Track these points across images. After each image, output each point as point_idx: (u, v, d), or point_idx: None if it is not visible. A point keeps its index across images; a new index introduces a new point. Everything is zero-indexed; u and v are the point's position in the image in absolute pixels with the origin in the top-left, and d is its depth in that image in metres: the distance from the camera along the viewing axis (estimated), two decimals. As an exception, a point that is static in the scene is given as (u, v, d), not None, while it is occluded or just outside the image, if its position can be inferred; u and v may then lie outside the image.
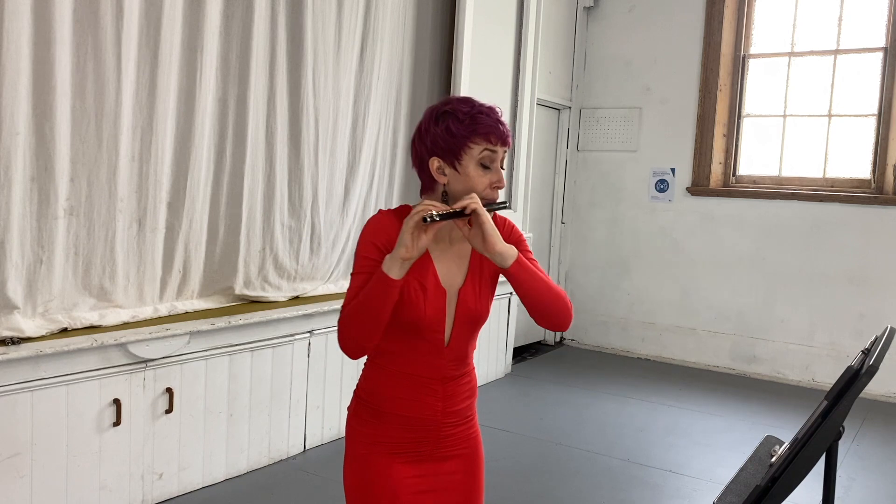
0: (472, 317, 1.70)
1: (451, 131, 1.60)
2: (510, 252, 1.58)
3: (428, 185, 1.67)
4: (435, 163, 1.62)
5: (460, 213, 1.54)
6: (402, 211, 1.69)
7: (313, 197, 4.10)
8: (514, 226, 1.80)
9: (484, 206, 1.58)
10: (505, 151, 1.65)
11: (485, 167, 1.62)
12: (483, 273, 1.72)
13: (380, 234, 1.64)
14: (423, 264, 1.65)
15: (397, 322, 1.64)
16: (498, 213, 1.72)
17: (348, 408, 1.79)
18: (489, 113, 1.62)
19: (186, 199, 3.48)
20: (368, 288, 1.57)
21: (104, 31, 3.05)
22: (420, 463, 1.72)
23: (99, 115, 3.08)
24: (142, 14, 3.19)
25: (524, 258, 1.61)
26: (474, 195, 1.56)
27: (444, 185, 1.63)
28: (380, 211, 1.70)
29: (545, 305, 1.62)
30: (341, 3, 4.14)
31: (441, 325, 1.67)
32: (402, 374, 1.69)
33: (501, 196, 1.71)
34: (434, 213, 1.50)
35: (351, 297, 1.62)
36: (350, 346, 1.64)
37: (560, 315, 1.65)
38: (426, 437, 1.71)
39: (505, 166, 1.69)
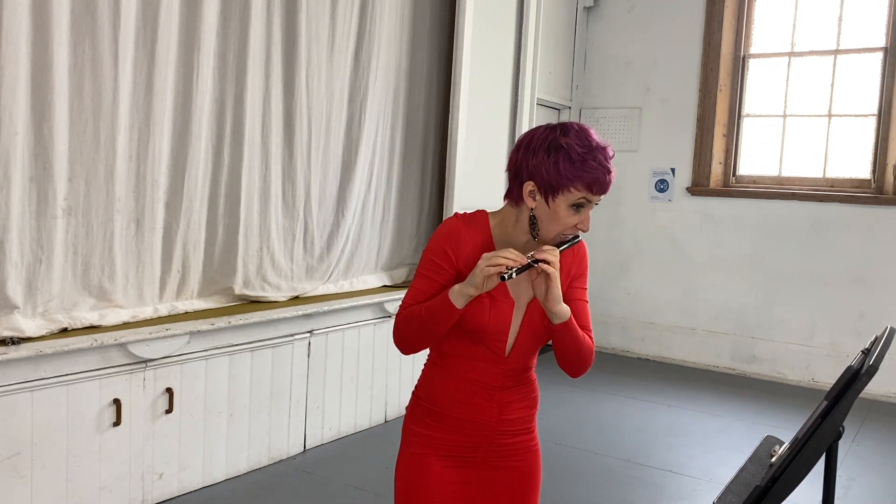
0: (537, 331, 1.71)
1: (558, 169, 1.58)
2: (564, 313, 1.61)
3: (516, 197, 1.67)
4: (529, 186, 1.62)
5: (534, 265, 1.57)
6: (477, 218, 1.71)
7: (306, 196, 4.09)
8: (586, 255, 1.79)
9: (560, 242, 1.64)
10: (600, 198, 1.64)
11: (577, 208, 1.61)
12: None
13: (452, 241, 1.67)
14: None
15: (460, 327, 1.66)
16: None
17: (406, 407, 1.82)
18: (602, 160, 1.58)
19: (184, 198, 3.48)
20: (431, 305, 1.62)
21: (101, 31, 3.05)
22: (468, 469, 1.74)
23: (96, 115, 3.08)
24: (139, 14, 3.18)
25: (573, 322, 1.64)
26: (555, 252, 1.57)
27: (532, 208, 1.64)
28: (455, 214, 1.72)
29: (573, 362, 1.69)
30: (335, 4, 4.12)
31: (504, 335, 1.68)
32: (460, 377, 1.71)
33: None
34: (513, 272, 1.53)
35: (411, 297, 1.68)
36: (402, 346, 1.71)
37: (582, 368, 1.71)
38: (480, 442, 1.73)
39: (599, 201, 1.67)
